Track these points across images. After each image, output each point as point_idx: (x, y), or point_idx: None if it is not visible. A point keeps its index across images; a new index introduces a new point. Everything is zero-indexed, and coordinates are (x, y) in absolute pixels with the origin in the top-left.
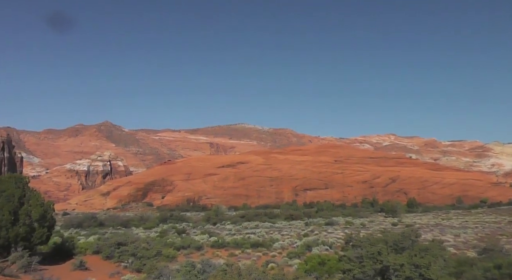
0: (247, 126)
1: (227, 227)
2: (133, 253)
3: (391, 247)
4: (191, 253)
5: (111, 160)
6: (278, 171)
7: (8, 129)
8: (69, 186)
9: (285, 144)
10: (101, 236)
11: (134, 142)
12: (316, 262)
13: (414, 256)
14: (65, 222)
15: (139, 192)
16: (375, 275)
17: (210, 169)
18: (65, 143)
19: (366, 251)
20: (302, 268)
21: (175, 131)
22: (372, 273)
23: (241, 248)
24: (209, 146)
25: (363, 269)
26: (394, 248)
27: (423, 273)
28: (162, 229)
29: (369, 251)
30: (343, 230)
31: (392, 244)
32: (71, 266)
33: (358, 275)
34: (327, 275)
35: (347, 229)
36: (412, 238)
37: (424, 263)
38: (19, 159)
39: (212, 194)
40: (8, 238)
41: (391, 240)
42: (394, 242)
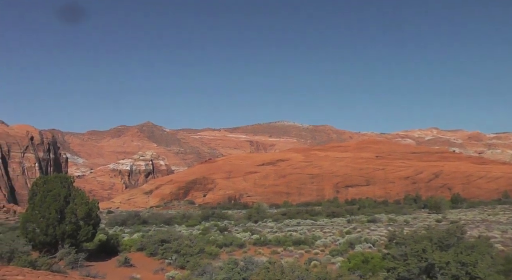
0: (287, 123)
1: (269, 224)
2: (176, 250)
3: (436, 245)
4: (233, 251)
5: (153, 159)
6: (319, 168)
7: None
8: (113, 185)
9: (325, 141)
10: (145, 234)
11: (175, 142)
12: (359, 260)
13: (460, 254)
14: (109, 220)
15: (181, 190)
16: (420, 274)
17: (250, 167)
18: (108, 143)
19: (411, 249)
20: (345, 266)
21: (215, 130)
22: (417, 271)
23: (283, 245)
24: (249, 144)
25: (408, 267)
26: (439, 246)
27: (469, 271)
28: (204, 226)
29: (413, 249)
30: (386, 227)
31: (437, 241)
32: (116, 263)
33: (403, 273)
34: (371, 274)
35: (390, 226)
36: (458, 235)
37: (471, 261)
38: (64, 159)
39: (253, 192)
40: (55, 235)
41: (436, 237)
42: (439, 239)
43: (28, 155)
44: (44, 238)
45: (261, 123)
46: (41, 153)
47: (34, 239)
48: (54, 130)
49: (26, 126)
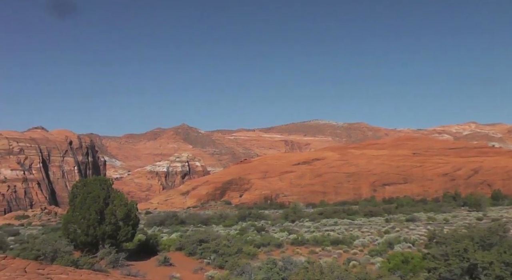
0: (321, 122)
1: (306, 224)
2: (214, 250)
3: (478, 244)
4: (271, 251)
5: (189, 161)
6: (355, 167)
7: (92, 136)
8: (150, 186)
9: (360, 139)
10: (183, 234)
11: (210, 143)
12: (399, 260)
13: (503, 253)
14: (148, 221)
15: (217, 191)
16: (462, 274)
17: (286, 166)
18: (144, 146)
19: (451, 248)
20: (385, 267)
21: (249, 130)
22: (459, 271)
23: (321, 245)
24: (284, 144)
25: (449, 268)
26: (481, 245)
27: None
28: (241, 226)
29: (454, 248)
30: (425, 226)
31: (479, 240)
32: (156, 262)
33: (445, 274)
34: (412, 274)
35: (430, 225)
36: (500, 233)
37: None
38: (102, 162)
39: (289, 192)
40: (95, 235)
41: (477, 236)
42: (480, 238)
43: (67, 159)
44: (85, 239)
45: (296, 122)
46: (80, 157)
47: (75, 239)
48: (92, 134)
49: (65, 131)
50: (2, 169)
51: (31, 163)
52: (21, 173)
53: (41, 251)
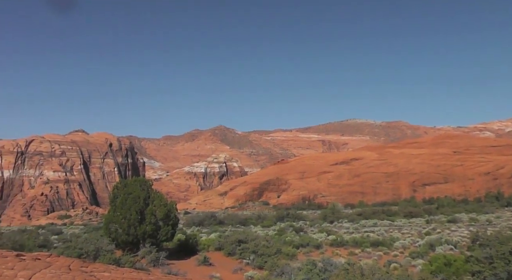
0: (359, 121)
1: (345, 225)
2: (254, 251)
3: None
4: (310, 252)
5: (227, 161)
6: (394, 166)
7: (131, 138)
8: (189, 187)
9: (399, 138)
10: (222, 234)
11: (248, 144)
12: (441, 262)
13: None
14: (187, 221)
15: (255, 191)
16: (508, 278)
17: (323, 167)
18: (183, 147)
19: (496, 251)
20: (427, 269)
21: (286, 130)
22: (505, 275)
23: (360, 247)
24: (321, 144)
25: (495, 271)
26: None
27: None
28: (279, 227)
29: (499, 251)
30: (468, 228)
31: None
32: (195, 262)
33: (490, 277)
34: (455, 277)
35: (472, 226)
36: None
37: None
38: (141, 164)
39: (327, 192)
40: (136, 235)
41: None
42: None
43: (107, 161)
44: (126, 238)
45: (333, 122)
46: (119, 158)
47: (117, 238)
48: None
49: (105, 133)
50: (45, 171)
51: (72, 165)
52: (63, 174)
53: (84, 249)
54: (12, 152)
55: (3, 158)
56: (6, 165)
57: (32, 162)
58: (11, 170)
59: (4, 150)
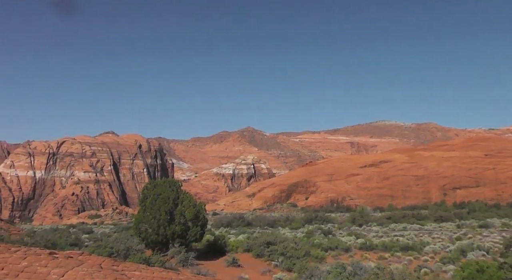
0: (388, 122)
1: (374, 229)
2: (282, 253)
3: None
4: (339, 255)
5: (255, 163)
6: (424, 169)
7: (160, 139)
8: (217, 188)
9: (429, 140)
10: (250, 235)
11: (276, 145)
12: (474, 269)
13: None
14: (215, 222)
15: (283, 193)
16: None
17: (352, 169)
18: (211, 149)
19: None
20: (458, 276)
21: (315, 132)
22: None
23: (390, 251)
24: (350, 146)
25: None
26: None
27: None
28: (308, 229)
29: None
30: (500, 234)
31: None
32: (224, 263)
33: None
34: None
35: (505, 232)
36: None
37: None
38: (170, 165)
39: (355, 195)
40: (165, 235)
41: None
42: None
43: (137, 162)
44: (155, 238)
45: (362, 124)
46: (148, 160)
47: (146, 238)
48: (160, 138)
49: (134, 135)
50: (76, 171)
51: (102, 165)
52: (93, 175)
53: (114, 248)
54: (44, 153)
55: (35, 159)
56: (38, 165)
57: (63, 163)
58: (43, 170)
59: (36, 151)
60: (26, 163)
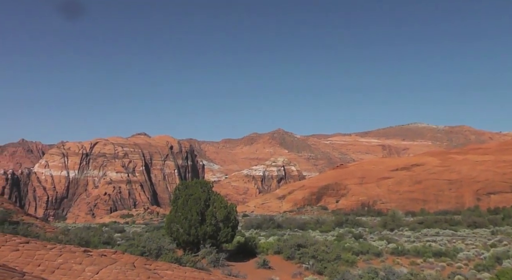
0: (420, 125)
1: (405, 233)
2: (313, 255)
3: None
4: (370, 259)
5: (285, 165)
6: (457, 173)
7: (191, 141)
8: (247, 190)
9: (462, 143)
10: (280, 237)
11: (306, 148)
12: (510, 277)
13: None
14: (245, 223)
15: (313, 196)
16: None
17: (383, 172)
18: (241, 151)
19: None
20: None
21: (345, 134)
22: None
23: (422, 256)
24: (381, 149)
25: None
26: None
27: None
28: (338, 233)
29: None
30: None
31: None
32: (255, 264)
33: None
34: None
35: None
36: None
37: None
38: (200, 166)
39: (387, 199)
40: (197, 235)
41: None
42: None
43: (168, 163)
44: (187, 238)
45: (393, 126)
46: (179, 161)
47: (178, 238)
48: (191, 139)
49: (166, 136)
50: (108, 171)
51: (134, 166)
52: (125, 175)
53: (146, 247)
54: (77, 153)
55: (69, 159)
56: (72, 165)
57: (96, 163)
58: (76, 170)
59: (70, 152)
60: (60, 163)
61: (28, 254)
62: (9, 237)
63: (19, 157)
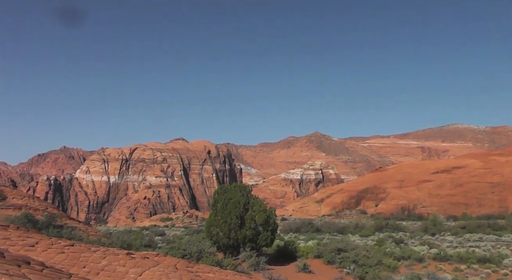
0: (461, 126)
1: (447, 238)
2: (354, 260)
3: None
4: (412, 265)
5: (322, 168)
6: (500, 176)
7: (228, 145)
8: (285, 193)
9: (505, 144)
10: (320, 241)
11: (344, 151)
12: None
13: None
14: (284, 227)
15: (352, 199)
16: None
17: (423, 175)
18: (278, 154)
19: None
20: None
21: (384, 137)
22: None
23: (466, 262)
24: (421, 151)
25: None
26: None
27: None
28: (378, 237)
29: None
30: None
31: None
32: (295, 268)
33: None
34: None
35: None
36: None
37: None
38: (238, 170)
39: (427, 202)
40: (236, 239)
41: None
42: None
43: (206, 167)
44: (227, 241)
45: (433, 128)
46: (217, 165)
47: (218, 241)
48: (228, 144)
49: (203, 141)
50: (147, 176)
51: (173, 171)
52: (164, 180)
53: (187, 250)
54: (117, 159)
55: (110, 164)
56: (112, 171)
57: (135, 168)
58: (116, 175)
59: (110, 157)
60: (100, 168)
61: (73, 256)
62: (54, 240)
63: (61, 163)
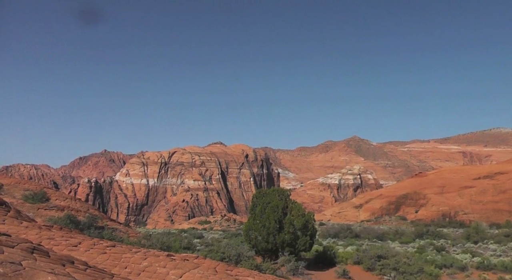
0: (504, 130)
1: (491, 246)
2: (394, 267)
3: None
4: (454, 273)
5: (361, 173)
6: None
7: (266, 149)
8: (323, 198)
9: None
10: (359, 247)
11: (383, 155)
12: None
13: None
14: (322, 232)
15: (391, 205)
16: None
17: (465, 181)
18: (316, 159)
19: None
20: None
21: (424, 141)
22: None
23: (511, 272)
24: (462, 156)
25: None
26: None
27: None
28: (419, 244)
29: None
30: None
31: None
32: (334, 274)
33: None
34: None
35: None
36: None
37: None
38: (276, 174)
39: (469, 209)
40: (275, 243)
41: None
42: None
43: (243, 171)
44: (265, 245)
45: (475, 132)
46: (255, 169)
47: (256, 245)
48: (266, 148)
49: (241, 145)
50: (186, 179)
51: (211, 174)
52: (202, 183)
53: (226, 254)
54: (156, 162)
55: (149, 168)
56: (151, 174)
57: (174, 171)
58: (155, 178)
59: (149, 161)
60: (140, 172)
61: (115, 257)
62: (96, 241)
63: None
